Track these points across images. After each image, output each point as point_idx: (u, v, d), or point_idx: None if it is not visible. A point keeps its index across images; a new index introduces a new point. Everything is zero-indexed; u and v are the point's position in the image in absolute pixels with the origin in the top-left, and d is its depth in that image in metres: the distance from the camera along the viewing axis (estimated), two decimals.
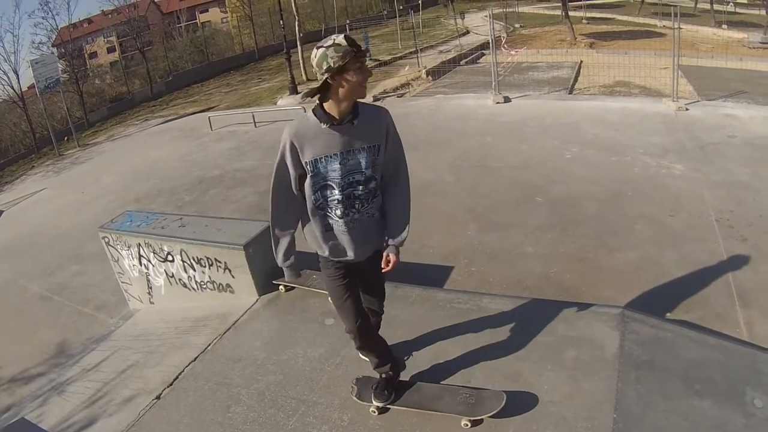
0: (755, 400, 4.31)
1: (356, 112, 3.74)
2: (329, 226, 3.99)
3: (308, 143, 3.73)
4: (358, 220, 3.95)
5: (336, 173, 3.79)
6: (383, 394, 4.55)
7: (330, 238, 4.02)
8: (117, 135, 23.70)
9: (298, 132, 3.75)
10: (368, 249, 4.14)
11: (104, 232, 7.89)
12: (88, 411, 5.66)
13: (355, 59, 3.51)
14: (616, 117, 14.66)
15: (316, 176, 3.82)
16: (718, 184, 10.00)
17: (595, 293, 7.11)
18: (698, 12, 41.83)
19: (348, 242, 4.00)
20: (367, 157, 3.82)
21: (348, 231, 3.95)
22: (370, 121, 3.81)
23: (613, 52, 22.57)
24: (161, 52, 39.30)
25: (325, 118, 3.69)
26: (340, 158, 3.76)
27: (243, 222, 7.51)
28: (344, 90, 3.58)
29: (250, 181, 13.27)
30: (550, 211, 9.53)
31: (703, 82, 18.43)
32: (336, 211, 3.91)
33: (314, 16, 45.71)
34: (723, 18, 38.01)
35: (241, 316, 6.39)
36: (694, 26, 33.58)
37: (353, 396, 4.66)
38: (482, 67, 23.48)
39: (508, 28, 37.00)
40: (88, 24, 58.99)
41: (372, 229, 4.06)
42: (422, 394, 4.55)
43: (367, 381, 4.72)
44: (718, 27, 35.63)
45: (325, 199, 3.89)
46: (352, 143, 3.77)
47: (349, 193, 3.86)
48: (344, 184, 3.82)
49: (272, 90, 26.31)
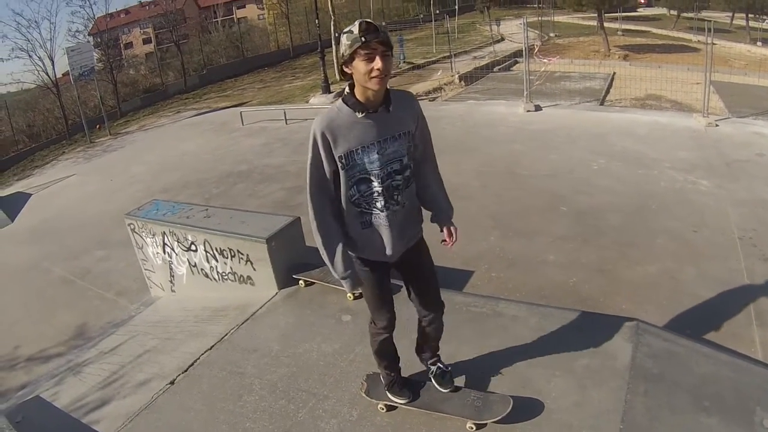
0: (764, 420, 4.27)
1: (389, 99, 3.59)
2: (367, 222, 3.79)
3: (342, 135, 3.54)
4: (399, 212, 3.79)
5: (375, 164, 3.62)
6: (404, 393, 4.53)
7: (367, 235, 3.82)
8: (149, 125, 23.93)
9: (331, 123, 3.54)
10: (402, 244, 3.92)
11: (130, 218, 8.01)
12: (102, 392, 5.76)
13: (364, 47, 3.30)
14: (646, 130, 14.60)
15: (351, 169, 3.62)
16: (743, 201, 9.94)
17: (613, 305, 7.11)
18: (734, 28, 41.55)
19: (388, 237, 3.80)
20: (403, 144, 3.68)
21: (389, 224, 3.76)
22: (402, 107, 3.68)
23: (646, 65, 22.55)
24: (196, 46, 39.60)
25: (359, 106, 3.52)
26: (378, 147, 3.60)
27: (267, 216, 7.58)
28: (357, 79, 3.45)
29: (278, 178, 13.38)
30: (573, 220, 9.53)
31: (734, 99, 18.33)
32: (376, 204, 3.72)
33: (350, 17, 45.74)
34: (758, 35, 37.68)
35: (259, 308, 6.45)
36: (728, 42, 33.39)
37: (362, 392, 4.68)
38: (515, 75, 23.51)
39: (543, 36, 37.02)
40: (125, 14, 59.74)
41: (408, 220, 3.91)
42: (431, 395, 4.55)
43: (377, 378, 4.71)
44: (753, 44, 35.34)
45: (361, 194, 3.70)
46: (389, 131, 3.62)
47: (389, 185, 3.70)
48: (383, 175, 3.66)
49: (305, 88, 26.43)
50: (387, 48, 3.36)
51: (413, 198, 3.92)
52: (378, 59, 3.32)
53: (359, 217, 3.77)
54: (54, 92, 27.68)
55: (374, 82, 3.37)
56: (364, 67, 3.33)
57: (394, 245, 3.84)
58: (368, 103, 3.53)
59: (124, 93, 31.27)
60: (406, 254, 3.99)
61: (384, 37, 3.34)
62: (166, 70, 35.65)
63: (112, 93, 29.79)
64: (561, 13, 46.54)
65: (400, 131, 3.65)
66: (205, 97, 30.01)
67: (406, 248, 3.97)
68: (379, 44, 3.32)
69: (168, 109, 27.89)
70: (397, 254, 3.92)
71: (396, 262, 4.01)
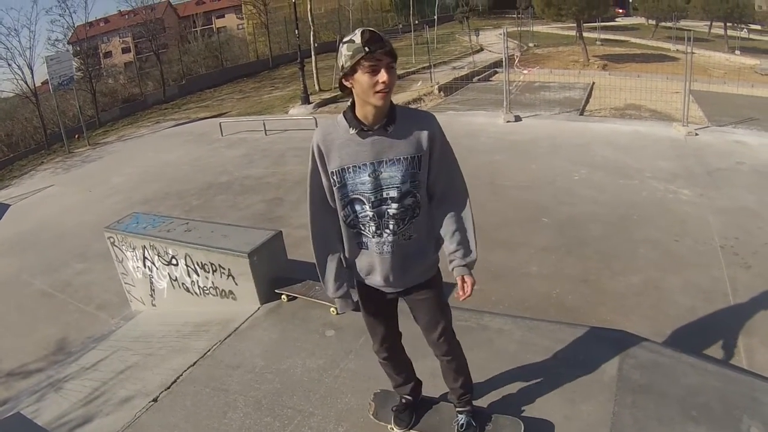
0: (751, 428, 4.28)
1: (392, 118, 3.28)
2: (363, 243, 3.51)
3: (335, 150, 3.31)
4: (395, 243, 3.44)
5: (365, 186, 3.32)
6: (403, 420, 4.31)
7: (362, 258, 3.56)
8: (128, 136, 23.84)
9: (326, 136, 3.34)
10: (407, 279, 3.61)
11: (110, 232, 7.93)
12: (85, 410, 5.67)
13: (368, 58, 3.02)
14: (626, 140, 14.69)
15: (343, 188, 3.36)
16: (724, 210, 10.02)
17: (597, 316, 7.13)
18: (712, 37, 41.92)
19: (381, 266, 3.50)
20: (404, 169, 3.29)
21: (381, 253, 3.46)
22: (409, 128, 3.32)
23: (625, 75, 22.69)
24: (176, 56, 39.58)
25: (354, 122, 3.25)
26: (370, 170, 3.28)
27: (249, 230, 7.52)
28: (357, 93, 3.17)
29: (259, 189, 13.35)
30: (555, 231, 9.55)
31: (714, 108, 18.47)
32: (369, 228, 3.42)
33: (330, 27, 45.96)
34: (736, 44, 38.05)
35: (242, 324, 6.40)
36: (707, 51, 33.70)
37: (370, 414, 4.53)
38: (494, 85, 23.59)
39: (522, 46, 37.17)
40: (104, 23, 59.46)
41: (412, 255, 3.54)
42: (441, 416, 4.41)
43: (385, 398, 4.59)
44: (732, 53, 35.68)
45: (355, 214, 3.42)
46: (385, 153, 3.28)
47: (381, 211, 3.37)
48: (375, 200, 3.34)
49: (284, 99, 26.44)
50: (392, 59, 3.11)
51: (425, 231, 3.56)
52: (383, 72, 3.07)
53: (356, 238, 3.52)
54: (33, 101, 27.54)
55: (378, 97, 3.11)
56: (368, 80, 3.07)
57: (394, 277, 3.55)
58: (365, 120, 3.25)
59: (103, 103, 31.18)
60: (411, 290, 3.69)
61: (389, 48, 3.08)
62: (145, 79, 35.60)
63: (91, 102, 29.69)
64: (540, 23, 46.84)
65: (400, 155, 3.30)
66: (184, 107, 29.97)
67: (412, 284, 3.66)
68: (385, 55, 3.06)
69: (147, 119, 27.82)
70: (398, 287, 3.65)
71: (401, 293, 3.71)
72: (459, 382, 4.11)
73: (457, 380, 4.11)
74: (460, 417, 4.18)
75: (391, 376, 4.28)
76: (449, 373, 4.10)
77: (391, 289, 3.66)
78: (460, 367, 4.09)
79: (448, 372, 4.10)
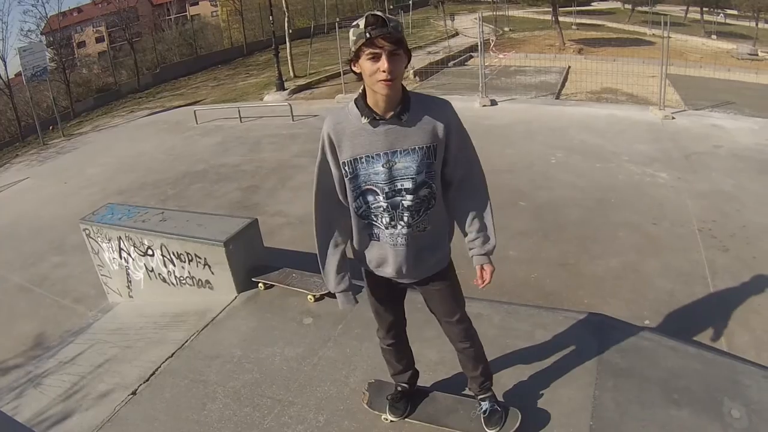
0: (732, 410, 4.31)
1: (406, 105, 3.17)
2: (374, 235, 3.43)
3: (347, 139, 3.20)
4: (409, 235, 3.35)
5: (379, 177, 3.22)
6: (399, 408, 4.31)
7: (373, 249, 3.49)
8: (102, 126, 23.57)
9: (336, 125, 3.22)
10: (418, 272, 3.54)
11: (85, 224, 7.84)
12: (64, 405, 5.61)
13: (369, 44, 2.90)
14: (603, 123, 14.72)
15: (355, 179, 3.26)
16: (702, 193, 10.06)
17: (576, 300, 7.13)
18: (688, 22, 42.18)
19: (394, 258, 3.43)
20: (419, 159, 3.20)
21: (394, 245, 3.39)
22: (424, 117, 3.22)
23: (601, 59, 22.68)
24: (150, 44, 39.11)
25: (366, 111, 3.14)
26: (384, 160, 3.18)
27: (224, 218, 7.47)
28: (365, 81, 3.06)
29: (234, 177, 13.25)
30: (533, 215, 9.55)
31: (690, 92, 18.53)
32: (382, 220, 3.34)
33: (304, 13, 45.64)
34: (713, 28, 38.31)
35: (219, 313, 6.36)
36: (683, 36, 33.89)
37: (364, 403, 4.50)
38: (470, 70, 23.56)
39: (498, 31, 37.15)
40: (77, 13, 58.78)
41: (426, 247, 3.47)
42: (436, 406, 4.40)
43: (380, 387, 4.57)
44: (708, 37, 35.89)
45: (368, 205, 3.33)
46: (400, 143, 3.18)
47: (395, 202, 3.28)
48: (389, 191, 3.25)
49: (259, 86, 26.25)
50: (396, 46, 2.94)
51: (439, 222, 3.49)
52: (384, 59, 2.93)
53: (367, 229, 3.43)
54: (6, 94, 27.18)
55: (380, 86, 2.99)
56: (370, 67, 2.96)
57: (407, 269, 3.48)
58: (377, 108, 3.14)
59: (78, 93, 30.78)
60: (424, 281, 3.64)
61: (393, 33, 2.91)
62: (120, 69, 35.20)
63: (65, 93, 29.32)
64: (516, 8, 46.80)
65: (415, 145, 3.19)
66: (158, 96, 29.67)
67: (425, 276, 3.60)
68: (386, 41, 2.91)
69: (122, 108, 27.51)
70: (414, 278, 3.59)
71: (410, 285, 3.69)
72: (479, 370, 4.08)
73: (477, 368, 4.08)
74: (483, 404, 4.13)
75: (391, 363, 4.24)
76: (468, 361, 4.07)
77: (404, 281, 3.62)
78: (478, 354, 4.06)
79: (467, 360, 4.07)
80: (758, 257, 7.95)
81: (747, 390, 4.60)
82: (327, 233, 3.53)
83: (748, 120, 14.71)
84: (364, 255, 3.54)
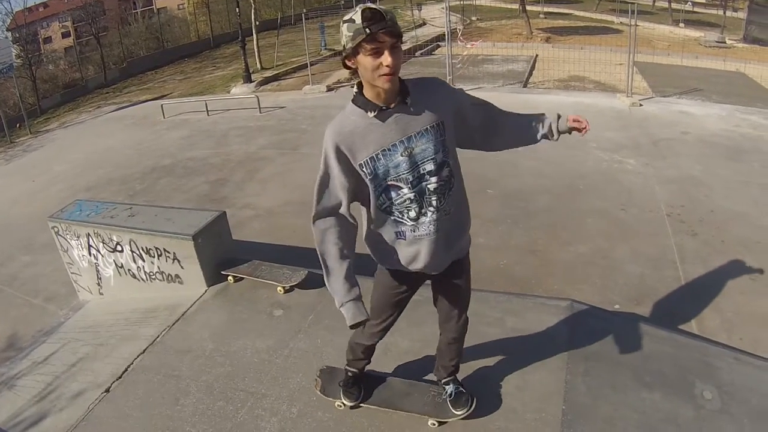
0: (704, 392, 4.39)
1: (406, 91, 3.13)
2: (401, 233, 3.34)
3: (358, 140, 3.11)
4: (438, 220, 3.29)
5: (402, 168, 3.15)
6: (353, 394, 4.34)
7: (401, 246, 3.39)
8: (69, 122, 23.32)
9: (342, 131, 3.12)
10: (446, 259, 3.51)
11: (54, 221, 7.75)
12: (39, 406, 5.55)
13: (370, 40, 2.84)
14: (570, 111, 14.52)
15: (375, 178, 3.18)
16: (670, 179, 10.16)
17: (546, 286, 7.19)
18: (656, 10, 42.43)
19: (428, 248, 3.35)
20: (434, 138, 3.16)
21: (427, 234, 3.31)
22: (424, 97, 3.19)
23: (569, 47, 22.78)
24: (116, 39, 38.70)
25: (370, 105, 3.08)
26: (402, 148, 3.12)
27: (192, 212, 7.41)
28: (362, 75, 3.02)
29: (202, 171, 13.21)
30: (501, 203, 9.59)
31: (658, 79, 18.71)
32: (409, 213, 3.26)
33: (270, 5, 45.36)
34: (680, 16, 38.51)
35: (189, 307, 6.33)
36: (651, 24, 34.07)
37: (317, 390, 4.53)
38: (437, 59, 23.54)
39: (465, 20, 37.09)
40: (43, 8, 58.15)
41: (453, 232, 3.44)
42: (391, 391, 4.42)
43: (331, 374, 4.60)
44: (676, 25, 36.09)
45: (391, 201, 3.25)
46: (413, 127, 3.13)
47: (421, 189, 3.21)
48: (413, 179, 3.18)
49: (226, 78, 26.10)
50: (397, 39, 2.91)
51: (459, 204, 3.45)
52: (387, 54, 2.88)
53: (393, 226, 3.34)
54: None
55: (383, 80, 2.94)
56: (371, 63, 2.90)
57: (440, 257, 3.43)
58: (380, 100, 3.08)
59: (44, 89, 30.40)
60: (448, 269, 3.58)
61: (392, 27, 2.87)
62: (86, 64, 34.82)
63: (32, 90, 28.96)
64: None
65: (427, 125, 3.15)
66: (125, 90, 29.38)
67: (452, 260, 3.56)
68: (388, 36, 2.86)
69: (89, 104, 27.22)
70: (442, 267, 3.53)
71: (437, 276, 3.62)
72: (455, 361, 4.15)
73: (453, 359, 4.13)
74: (447, 388, 4.18)
75: (355, 354, 4.21)
76: (449, 353, 4.09)
77: (435, 270, 3.54)
78: (461, 349, 4.11)
79: (449, 352, 4.09)
80: (727, 241, 8.05)
81: (718, 372, 4.68)
82: (331, 249, 3.30)
83: (715, 106, 14.88)
84: (392, 255, 3.45)
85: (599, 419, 4.16)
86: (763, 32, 29.87)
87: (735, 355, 5.05)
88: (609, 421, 4.15)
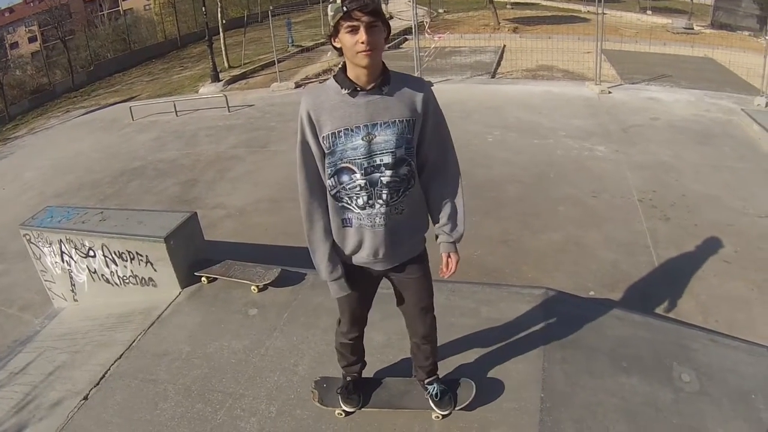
0: (682, 374, 4.46)
1: (386, 79, 3.20)
2: (348, 220, 3.36)
3: (327, 113, 3.15)
4: (387, 215, 3.30)
5: (357, 152, 3.17)
6: (353, 399, 4.28)
7: (347, 235, 3.41)
8: (38, 128, 23.09)
9: (316, 100, 3.18)
10: (393, 256, 3.50)
11: (25, 229, 7.68)
12: (18, 417, 5.49)
13: (346, 17, 2.94)
14: (539, 100, 14.88)
15: (331, 155, 3.21)
16: (641, 165, 10.25)
17: (519, 275, 7.24)
18: None
19: (371, 239, 3.37)
20: (398, 133, 3.18)
21: (372, 225, 3.32)
22: (404, 90, 3.23)
23: (536, 37, 22.91)
24: (83, 42, 38.36)
25: (346, 83, 3.13)
26: (364, 133, 3.14)
27: (164, 213, 7.37)
28: (345, 55, 3.10)
29: (172, 172, 13.12)
30: (472, 194, 9.55)
31: (626, 66, 18.83)
32: (357, 201, 3.28)
33: (237, 3, 45.06)
34: (648, 4, 38.69)
35: (164, 310, 6.30)
36: (618, 12, 34.16)
37: (315, 401, 4.43)
38: (405, 52, 23.56)
39: (432, 13, 37.11)
40: (9, 13, 57.57)
41: (402, 231, 3.43)
42: (390, 391, 4.40)
43: (326, 383, 4.52)
44: (643, 12, 36.26)
45: (342, 185, 3.26)
46: (380, 115, 3.15)
47: (374, 179, 3.21)
48: (368, 167, 3.19)
49: (194, 78, 25.97)
50: (374, 17, 2.97)
51: (416, 205, 3.47)
52: (362, 32, 2.95)
53: (340, 213, 3.37)
54: None
55: (360, 57, 3.01)
56: (349, 40, 2.99)
57: (384, 253, 3.43)
58: (358, 81, 3.14)
59: (12, 96, 30.05)
60: (400, 268, 3.61)
61: (369, 5, 2.94)
62: (53, 68, 34.46)
63: (0, 96, 28.68)
64: None
65: (395, 118, 3.18)
66: (93, 93, 29.13)
67: (400, 262, 3.58)
68: (364, 14, 2.93)
69: (57, 109, 26.95)
70: (389, 264, 3.54)
71: (386, 272, 3.64)
72: (430, 360, 4.13)
73: (428, 359, 4.11)
74: (430, 388, 4.15)
75: (345, 357, 4.20)
76: (422, 353, 4.08)
77: (380, 266, 3.56)
78: (434, 347, 4.09)
79: (422, 353, 4.08)
80: (699, 224, 8.15)
81: (695, 354, 4.74)
82: (317, 221, 3.41)
83: (684, 92, 15.07)
84: (341, 244, 3.46)
85: (578, 406, 4.20)
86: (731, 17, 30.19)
87: (711, 336, 5.12)
88: (588, 407, 4.18)
